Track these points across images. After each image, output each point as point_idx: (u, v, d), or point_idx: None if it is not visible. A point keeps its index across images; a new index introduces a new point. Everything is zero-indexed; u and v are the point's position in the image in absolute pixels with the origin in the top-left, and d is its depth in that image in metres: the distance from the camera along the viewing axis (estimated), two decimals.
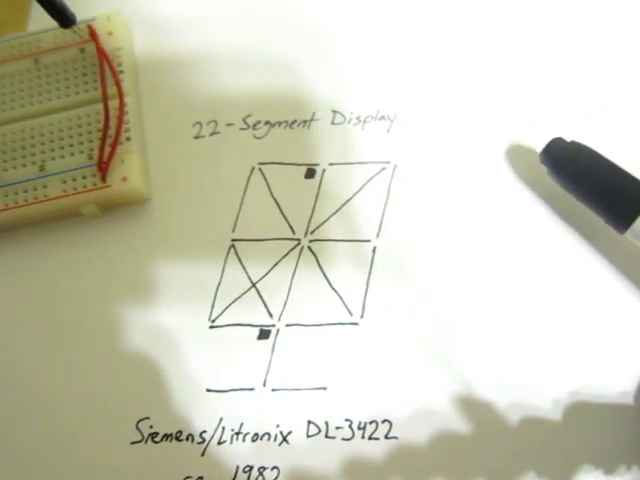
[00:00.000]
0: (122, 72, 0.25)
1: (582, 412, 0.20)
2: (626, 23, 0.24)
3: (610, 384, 0.20)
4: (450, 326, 0.21)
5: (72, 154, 0.24)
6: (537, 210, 0.22)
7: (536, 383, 0.20)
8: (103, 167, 0.23)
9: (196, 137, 0.25)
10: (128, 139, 0.24)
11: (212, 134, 0.25)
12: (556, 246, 0.22)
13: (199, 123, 0.25)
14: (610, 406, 0.20)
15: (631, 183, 0.20)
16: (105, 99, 0.24)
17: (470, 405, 0.20)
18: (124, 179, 0.24)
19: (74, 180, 0.24)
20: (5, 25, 0.28)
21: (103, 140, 0.24)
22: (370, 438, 0.20)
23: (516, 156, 0.23)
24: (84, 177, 0.24)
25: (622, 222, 0.19)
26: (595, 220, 0.21)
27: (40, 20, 0.27)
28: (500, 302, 0.21)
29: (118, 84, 0.25)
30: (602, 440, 0.19)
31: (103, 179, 0.23)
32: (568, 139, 0.21)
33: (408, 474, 0.20)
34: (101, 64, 0.25)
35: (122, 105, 0.24)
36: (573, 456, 0.19)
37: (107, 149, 0.24)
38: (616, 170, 0.20)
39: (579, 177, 0.20)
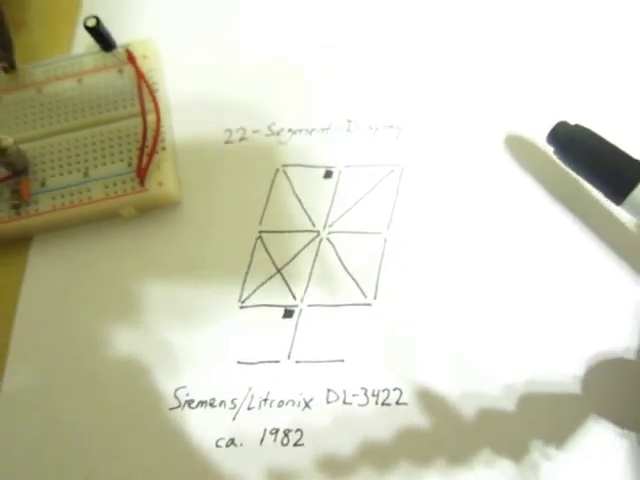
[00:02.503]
0: (157, 90, 0.28)
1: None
2: (624, 7, 0.27)
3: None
4: (452, 307, 0.24)
5: (113, 162, 0.27)
6: (538, 199, 0.25)
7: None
8: (142, 173, 0.26)
9: (226, 142, 0.28)
10: (163, 149, 0.27)
11: (241, 140, 0.28)
12: (553, 241, 0.24)
13: (229, 130, 0.28)
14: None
15: (627, 161, 0.22)
16: (143, 114, 0.27)
17: (473, 378, 0.23)
18: (160, 184, 0.26)
19: (115, 185, 0.26)
20: (46, 50, 0.30)
21: (142, 150, 0.27)
22: (383, 404, 0.23)
23: (516, 150, 0.26)
24: (124, 182, 0.26)
25: (619, 195, 0.22)
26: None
27: (80, 43, 0.30)
28: (502, 291, 0.24)
29: (155, 101, 0.27)
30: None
31: (141, 184, 0.26)
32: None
33: (417, 436, 0.22)
34: (139, 84, 0.28)
35: (159, 119, 0.27)
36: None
37: (145, 158, 0.26)
38: (614, 149, 0.23)
39: (582, 155, 0.23)
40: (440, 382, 0.23)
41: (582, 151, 0.23)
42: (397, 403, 0.23)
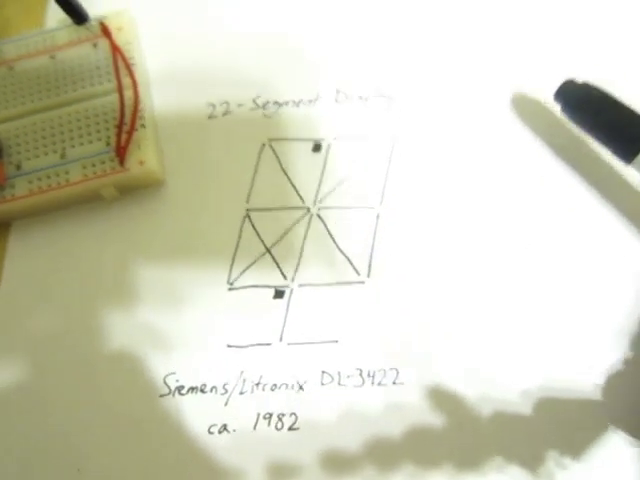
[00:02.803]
0: (134, 64, 0.27)
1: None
2: None
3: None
4: (449, 284, 0.23)
5: (90, 142, 0.26)
6: (543, 167, 0.24)
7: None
8: (121, 152, 0.25)
9: (210, 117, 0.26)
10: (143, 126, 0.26)
11: (224, 114, 0.26)
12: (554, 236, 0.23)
13: (212, 104, 0.27)
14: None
15: (638, 118, 0.22)
16: (120, 90, 0.26)
17: (467, 353, 0.22)
18: (141, 162, 0.25)
19: (94, 165, 0.25)
20: (19, 24, 0.29)
21: (120, 128, 0.25)
22: (379, 385, 0.22)
23: (519, 112, 0.25)
24: (103, 162, 0.25)
25: (629, 153, 0.22)
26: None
27: (53, 17, 0.28)
28: (504, 267, 0.23)
29: (132, 76, 0.26)
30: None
31: (121, 163, 0.25)
32: None
33: (415, 416, 0.22)
34: (114, 58, 0.26)
35: (137, 95, 0.26)
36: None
37: (124, 136, 0.25)
38: (623, 107, 0.22)
39: (590, 113, 0.22)
40: (438, 360, 0.22)
41: (591, 108, 0.22)
42: (394, 383, 0.22)
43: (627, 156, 0.22)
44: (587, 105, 0.23)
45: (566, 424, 0.21)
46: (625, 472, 0.20)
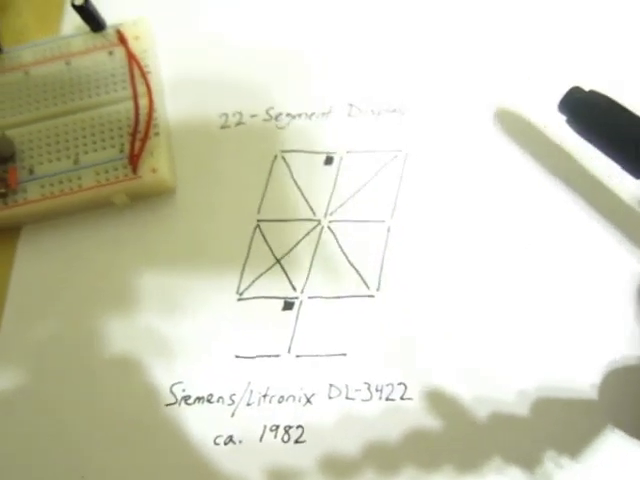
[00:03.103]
0: (149, 72, 0.27)
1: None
2: None
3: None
4: (459, 299, 0.23)
5: (104, 148, 0.26)
6: (548, 187, 0.24)
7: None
8: (134, 159, 0.25)
9: (223, 127, 0.27)
10: (157, 134, 0.26)
11: (237, 124, 0.27)
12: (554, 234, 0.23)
13: (225, 114, 0.27)
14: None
15: None
16: (135, 98, 0.26)
17: (480, 373, 0.22)
18: (154, 170, 0.25)
19: (106, 172, 0.25)
20: (35, 31, 0.29)
21: (134, 135, 0.25)
22: (387, 399, 0.22)
23: (523, 133, 0.25)
24: (115, 169, 0.25)
25: (639, 167, 0.21)
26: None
27: (69, 25, 0.29)
28: (512, 284, 0.23)
29: (147, 84, 0.26)
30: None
31: (134, 171, 0.25)
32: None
33: (423, 432, 0.21)
34: (130, 66, 0.27)
35: (151, 103, 0.26)
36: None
37: (137, 143, 0.25)
38: (633, 117, 0.21)
39: (598, 124, 0.21)
40: (446, 377, 0.22)
41: (598, 119, 0.21)
42: (402, 398, 0.22)
43: (637, 170, 0.21)
44: (592, 115, 0.21)
45: (565, 424, 0.21)
46: (624, 472, 0.20)
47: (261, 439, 0.22)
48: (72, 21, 0.28)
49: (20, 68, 0.27)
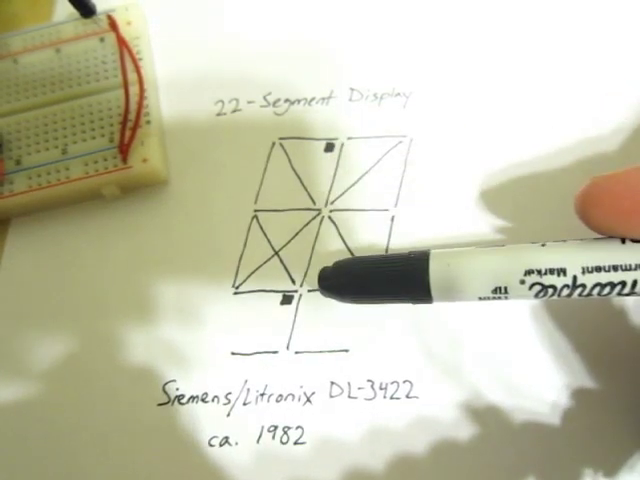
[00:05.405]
0: (141, 59, 0.26)
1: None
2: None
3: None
4: None
5: (93, 138, 0.25)
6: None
7: None
8: (124, 149, 0.24)
9: (218, 114, 0.25)
10: (148, 122, 0.25)
11: (234, 111, 0.25)
12: None
13: (221, 101, 0.26)
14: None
15: (402, 260, 0.20)
16: (126, 85, 0.25)
17: (487, 363, 0.21)
18: (144, 160, 0.24)
19: (95, 162, 0.24)
20: (26, 18, 0.29)
21: (124, 124, 0.24)
22: (392, 398, 0.21)
23: (522, 125, 0.23)
24: (105, 159, 0.24)
25: (423, 293, 0.19)
26: None
27: (61, 12, 0.28)
28: None
29: (138, 71, 0.25)
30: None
31: (124, 161, 0.24)
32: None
33: (429, 432, 0.20)
34: (121, 52, 0.26)
35: (142, 91, 0.25)
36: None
37: (127, 132, 0.24)
38: (383, 259, 0.20)
39: (363, 288, 0.20)
40: (455, 375, 0.21)
41: (358, 281, 0.20)
42: (407, 397, 0.21)
43: (425, 297, 0.19)
44: (351, 280, 0.20)
45: (599, 438, 0.19)
46: None
47: (258, 440, 0.21)
48: (64, 7, 0.27)
49: (9, 56, 0.26)
